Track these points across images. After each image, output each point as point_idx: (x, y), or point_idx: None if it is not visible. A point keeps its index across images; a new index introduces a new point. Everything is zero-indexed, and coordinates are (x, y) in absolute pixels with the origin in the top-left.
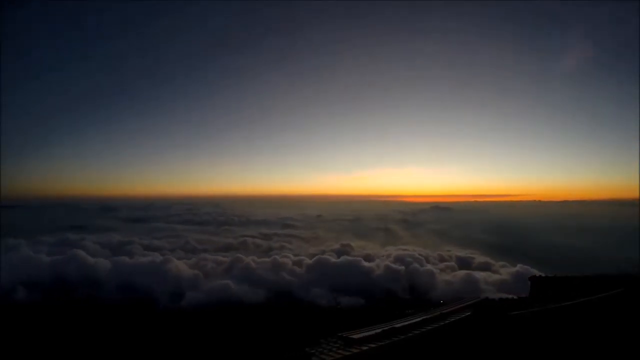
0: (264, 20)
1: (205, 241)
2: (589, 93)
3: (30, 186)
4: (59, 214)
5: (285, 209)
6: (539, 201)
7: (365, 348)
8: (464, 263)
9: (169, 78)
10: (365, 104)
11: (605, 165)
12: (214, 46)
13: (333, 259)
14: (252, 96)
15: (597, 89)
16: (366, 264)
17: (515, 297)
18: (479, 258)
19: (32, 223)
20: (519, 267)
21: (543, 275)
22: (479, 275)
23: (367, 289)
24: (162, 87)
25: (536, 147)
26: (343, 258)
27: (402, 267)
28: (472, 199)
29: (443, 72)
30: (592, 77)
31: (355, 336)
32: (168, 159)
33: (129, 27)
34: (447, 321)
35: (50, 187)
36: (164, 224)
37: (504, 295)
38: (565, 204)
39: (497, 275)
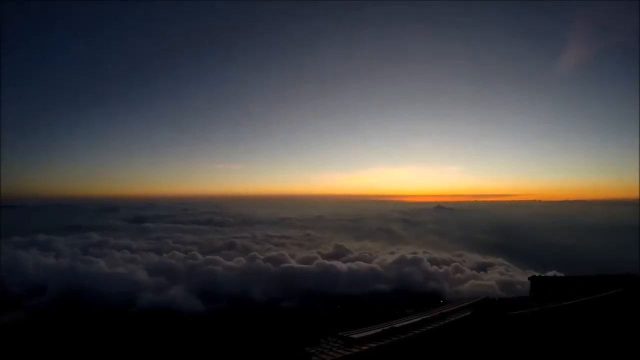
0: (264, 19)
1: (188, 242)
2: (589, 93)
3: (28, 186)
4: (53, 215)
5: (285, 209)
6: (539, 201)
7: (365, 348)
8: (466, 264)
9: (168, 78)
10: (366, 103)
11: (605, 165)
12: (213, 45)
13: (329, 262)
14: (253, 97)
15: (597, 88)
16: (365, 265)
17: (515, 297)
18: (481, 258)
19: (18, 224)
20: (522, 268)
21: (543, 275)
22: (480, 275)
23: (366, 290)
24: (163, 87)
25: (536, 146)
26: (341, 260)
27: (403, 269)
28: (473, 199)
29: (443, 71)
30: (592, 77)
31: (355, 336)
32: (170, 159)
33: (130, 27)
34: (447, 321)
35: (49, 187)
36: (154, 224)
37: (504, 295)
38: (565, 204)
39: (499, 276)
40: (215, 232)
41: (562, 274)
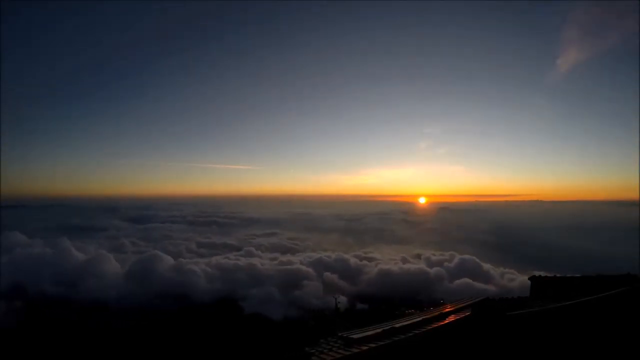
0: (262, 18)
1: (144, 244)
2: (589, 93)
3: (26, 186)
4: (35, 215)
5: (284, 209)
6: (540, 201)
7: (365, 348)
8: (466, 264)
9: (167, 78)
10: (366, 103)
11: (605, 165)
12: (210, 45)
13: (329, 263)
14: (254, 97)
15: (597, 88)
16: (364, 265)
17: (515, 297)
18: (482, 258)
19: None
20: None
21: (543, 275)
22: (480, 276)
23: (365, 291)
24: (162, 88)
25: (537, 146)
26: (340, 260)
27: (403, 269)
28: (474, 199)
29: (444, 71)
30: (593, 76)
31: (355, 336)
32: (171, 159)
33: (130, 26)
34: (447, 321)
35: (47, 186)
36: (134, 224)
37: (504, 295)
38: (566, 204)
39: (499, 276)
40: (193, 231)
41: (562, 274)
